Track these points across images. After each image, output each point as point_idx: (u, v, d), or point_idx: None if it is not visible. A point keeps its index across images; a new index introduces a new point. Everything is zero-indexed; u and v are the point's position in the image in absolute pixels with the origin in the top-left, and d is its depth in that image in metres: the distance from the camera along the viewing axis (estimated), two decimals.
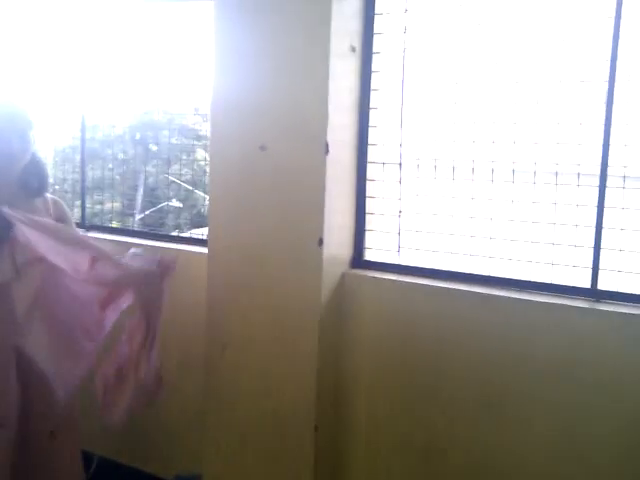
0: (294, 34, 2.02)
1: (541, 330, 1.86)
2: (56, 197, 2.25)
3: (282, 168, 2.05)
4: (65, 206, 2.23)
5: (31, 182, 2.09)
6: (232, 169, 2.12)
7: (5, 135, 1.99)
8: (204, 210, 9.59)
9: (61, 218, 2.15)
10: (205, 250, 2.32)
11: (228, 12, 2.09)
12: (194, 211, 10.24)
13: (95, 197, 5.17)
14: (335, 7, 1.97)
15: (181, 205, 9.97)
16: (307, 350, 2.04)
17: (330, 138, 2.01)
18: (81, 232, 2.67)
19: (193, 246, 2.57)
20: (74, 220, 2.39)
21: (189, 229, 9.30)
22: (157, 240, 2.69)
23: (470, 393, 1.97)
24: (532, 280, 1.96)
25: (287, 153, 2.05)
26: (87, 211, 3.27)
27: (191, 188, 9.54)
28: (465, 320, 1.96)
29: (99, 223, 3.13)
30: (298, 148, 2.04)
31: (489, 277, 2.01)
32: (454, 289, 1.99)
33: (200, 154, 10.12)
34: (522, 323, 1.89)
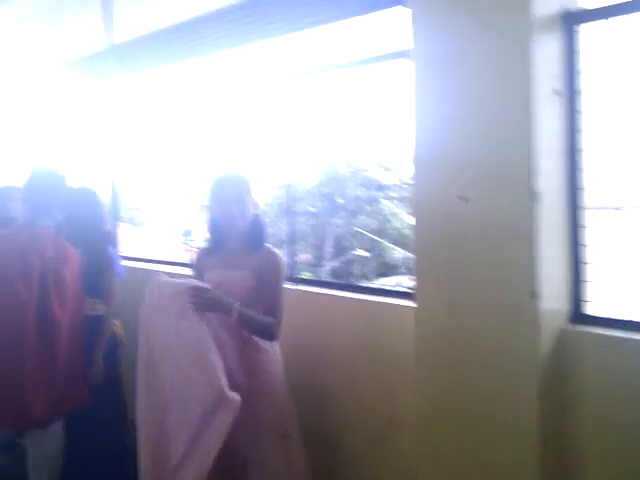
0: (494, 80, 1.97)
1: None
2: (273, 249, 2.41)
3: (487, 218, 1.98)
4: (277, 257, 2.38)
5: (253, 239, 2.32)
6: (435, 221, 2.10)
7: (227, 201, 2.28)
8: (389, 259, 9.72)
9: (269, 266, 2.31)
10: (401, 302, 2.36)
11: (428, 64, 2.11)
12: (380, 260, 10.42)
13: (287, 249, 5.56)
14: (535, 50, 1.89)
15: (367, 255, 10.24)
16: (526, 413, 1.89)
17: (538, 185, 1.90)
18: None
19: (394, 298, 2.57)
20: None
21: (375, 278, 9.49)
22: (359, 292, 2.71)
23: None
24: None
25: (492, 203, 1.97)
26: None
27: (376, 238, 9.76)
28: None
29: (294, 274, 3.26)
30: (503, 197, 1.96)
31: None
32: None
33: (384, 204, 10.34)
34: None
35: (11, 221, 3.03)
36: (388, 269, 9.41)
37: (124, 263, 3.25)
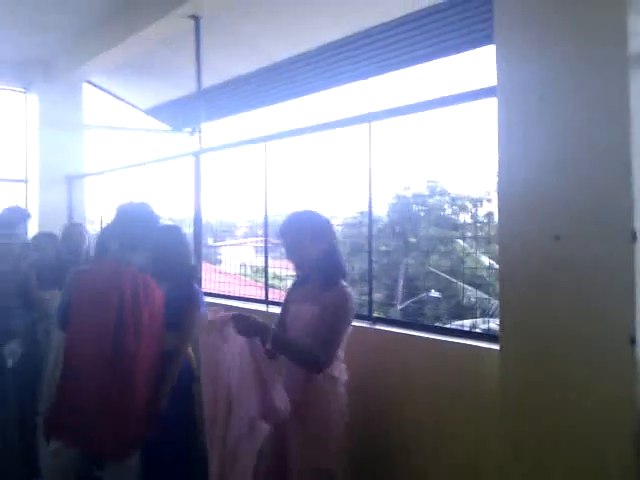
0: (591, 114, 1.90)
1: None
2: (345, 288, 2.34)
3: (580, 258, 1.88)
4: (344, 295, 2.30)
5: (325, 277, 2.33)
6: (524, 261, 2.02)
7: (288, 251, 2.43)
8: (464, 301, 9.48)
9: (334, 303, 2.28)
10: (480, 344, 2.30)
11: (515, 99, 2.07)
12: (453, 302, 10.18)
13: (360, 288, 5.53)
14: (634, 83, 1.82)
15: (440, 296, 10.04)
16: (622, 469, 1.75)
17: (637, 224, 1.80)
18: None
19: (473, 340, 2.48)
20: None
21: (448, 320, 9.27)
22: (436, 333, 2.64)
23: None
24: None
25: (587, 242, 1.87)
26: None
27: (450, 278, 9.57)
28: None
29: (371, 313, 3.20)
30: (598, 236, 1.86)
31: None
32: None
33: (458, 244, 10.14)
34: None
35: (77, 257, 3.22)
36: (462, 311, 9.16)
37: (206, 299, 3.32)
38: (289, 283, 4.22)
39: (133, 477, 2.63)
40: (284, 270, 4.03)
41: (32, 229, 4.29)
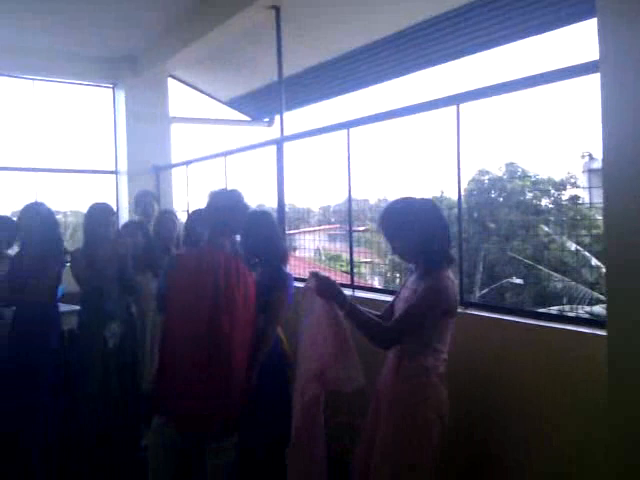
0: None
1: None
2: (438, 274, 2.22)
3: None
4: (432, 280, 2.19)
5: (423, 264, 2.29)
6: (633, 243, 1.92)
7: (389, 240, 2.36)
8: (548, 288, 9.13)
9: (422, 290, 2.20)
10: (586, 330, 2.22)
11: (620, 76, 1.96)
12: (536, 289, 9.82)
13: None
14: None
15: (522, 282, 9.71)
16: None
17: None
18: None
19: (576, 326, 2.38)
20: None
21: (531, 308, 8.95)
22: (532, 318, 2.55)
23: None
24: None
25: None
26: None
27: (534, 264, 9.23)
28: None
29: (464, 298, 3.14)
30: None
31: None
32: None
33: (541, 230, 9.77)
34: None
35: (170, 242, 3.33)
36: (546, 298, 8.83)
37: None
38: (362, 270, 4.21)
39: (231, 457, 2.72)
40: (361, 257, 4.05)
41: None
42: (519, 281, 9.38)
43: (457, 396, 2.32)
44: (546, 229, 8.80)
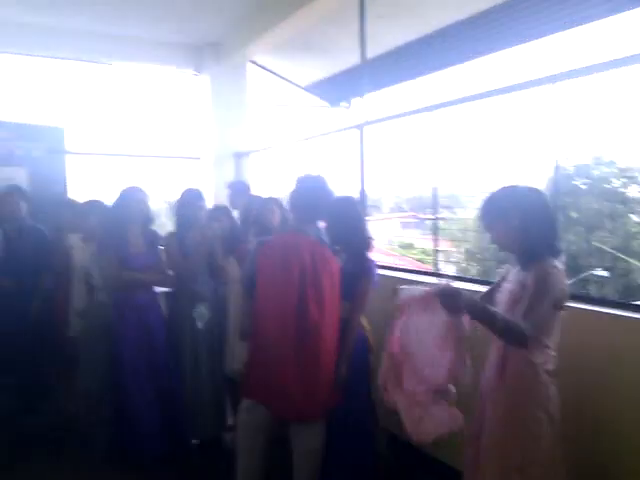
0: None
1: None
2: (545, 264, 2.08)
3: None
4: (542, 271, 2.06)
5: (522, 255, 2.19)
6: None
7: (487, 232, 2.28)
8: (638, 280, 8.63)
9: (533, 280, 2.08)
10: None
11: None
12: (623, 281, 9.29)
13: None
14: None
15: (607, 274, 9.21)
16: None
17: None
18: None
19: None
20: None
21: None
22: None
23: None
24: None
25: None
26: None
27: (622, 256, 8.72)
28: None
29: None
30: None
31: None
32: None
33: (630, 220, 9.24)
34: None
35: (270, 230, 3.35)
36: (633, 291, 8.35)
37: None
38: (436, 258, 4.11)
39: (318, 441, 2.75)
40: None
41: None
42: (605, 273, 8.91)
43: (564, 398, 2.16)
44: (636, 219, 8.28)
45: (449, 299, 2.11)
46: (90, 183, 6.35)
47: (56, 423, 3.88)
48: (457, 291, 2.11)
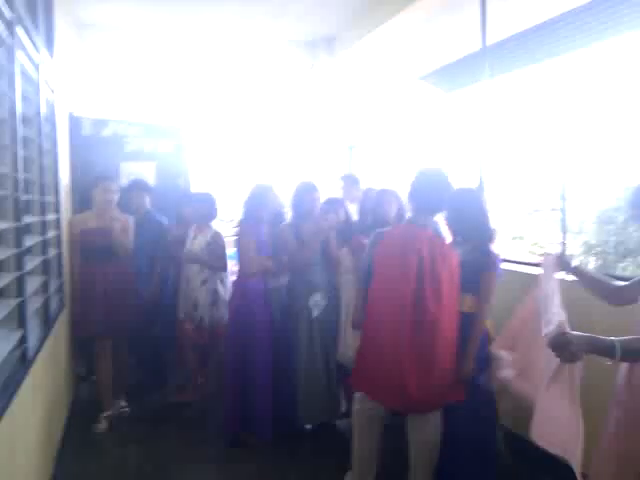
0: None
1: None
2: None
3: None
4: None
5: None
6: None
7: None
8: None
9: None
10: None
11: None
12: None
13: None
14: None
15: None
16: None
17: None
18: None
19: None
20: None
21: None
22: None
23: None
24: None
25: None
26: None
27: None
28: None
29: None
30: None
31: None
32: None
33: None
34: None
35: (387, 223, 3.34)
36: None
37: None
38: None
39: (433, 432, 2.73)
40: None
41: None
42: None
43: None
44: None
45: (560, 349, 1.85)
46: (211, 176, 6.69)
47: (183, 402, 4.15)
48: (567, 340, 1.82)
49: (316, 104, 6.60)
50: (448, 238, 2.90)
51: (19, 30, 2.35)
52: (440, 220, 2.95)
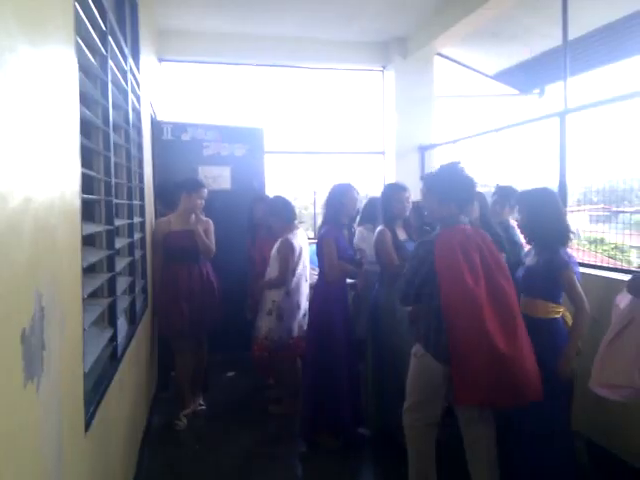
0: None
1: None
2: None
3: None
4: None
5: None
6: None
7: None
8: None
9: None
10: None
11: None
12: None
13: None
14: None
15: None
16: None
17: None
18: None
19: None
20: None
21: None
22: None
23: None
24: None
25: None
26: None
27: None
28: None
29: None
30: None
31: None
32: None
33: None
34: None
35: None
36: None
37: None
38: (632, 255, 3.64)
39: (486, 426, 2.68)
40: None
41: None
42: None
43: None
44: None
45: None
46: (285, 179, 6.77)
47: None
48: None
49: (388, 104, 6.56)
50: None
51: (111, 40, 2.46)
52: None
